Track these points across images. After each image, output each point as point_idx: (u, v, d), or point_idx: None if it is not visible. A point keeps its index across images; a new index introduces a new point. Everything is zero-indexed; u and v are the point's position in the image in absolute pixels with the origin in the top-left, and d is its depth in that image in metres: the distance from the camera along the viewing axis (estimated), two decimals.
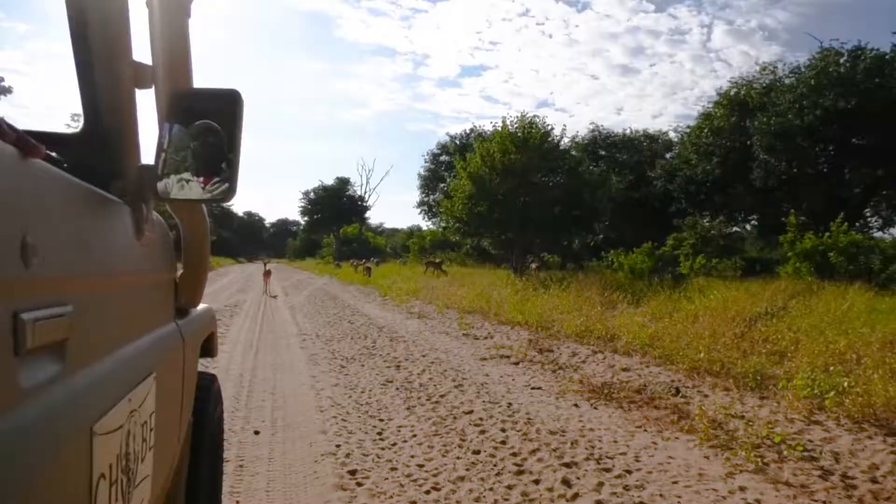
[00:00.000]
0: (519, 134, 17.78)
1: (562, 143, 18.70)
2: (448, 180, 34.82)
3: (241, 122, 1.12)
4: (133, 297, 1.09)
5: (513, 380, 5.90)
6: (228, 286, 20.40)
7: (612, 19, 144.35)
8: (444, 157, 41.84)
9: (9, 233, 0.58)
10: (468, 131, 41.79)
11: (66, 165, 0.96)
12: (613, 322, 8.67)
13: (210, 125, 1.10)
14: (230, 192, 1.09)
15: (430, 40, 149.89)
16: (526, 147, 17.38)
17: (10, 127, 0.65)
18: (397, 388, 5.42)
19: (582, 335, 8.18)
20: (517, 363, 6.78)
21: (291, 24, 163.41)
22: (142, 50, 1.21)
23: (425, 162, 42.16)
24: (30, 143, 0.65)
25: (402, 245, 73.16)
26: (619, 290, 12.38)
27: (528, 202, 17.37)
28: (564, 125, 23.56)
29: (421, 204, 42.08)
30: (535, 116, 18.04)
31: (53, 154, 1.02)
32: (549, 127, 18.05)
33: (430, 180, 41.65)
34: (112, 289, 0.96)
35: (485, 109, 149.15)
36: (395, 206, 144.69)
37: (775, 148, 24.46)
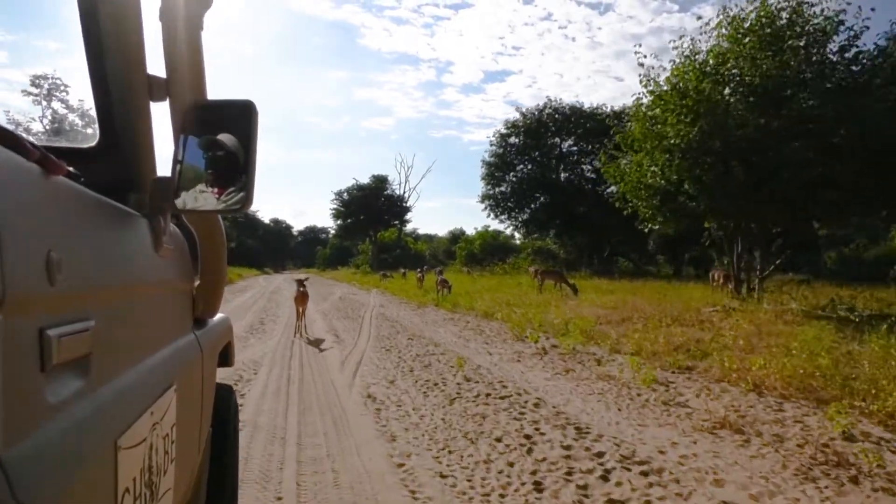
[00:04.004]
0: (769, 28, 9.34)
1: (854, 46, 10.03)
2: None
3: (255, 133, 1.08)
4: (153, 309, 1.08)
5: None
6: (237, 314, 12.56)
7: (636, 20, 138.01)
8: (514, 140, 33.55)
9: (35, 251, 0.58)
10: (541, 105, 33.74)
11: (82, 180, 0.89)
12: None
13: (216, 140, 1.07)
14: (246, 202, 1.06)
15: (453, 47, 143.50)
16: (790, 52, 9.06)
17: (33, 145, 0.63)
18: None
19: None
20: None
21: (316, 35, 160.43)
22: (156, 63, 1.20)
23: (491, 145, 33.83)
24: (52, 160, 0.65)
25: (444, 251, 65.63)
26: None
27: (789, 152, 8.86)
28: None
29: (485, 198, 33.73)
30: None
31: (71, 169, 0.89)
32: (834, 14, 9.49)
33: (498, 167, 33.36)
34: (133, 302, 0.94)
35: (510, 115, 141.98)
36: (424, 213, 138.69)
37: None
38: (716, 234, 25.90)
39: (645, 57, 10.74)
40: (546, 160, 33.25)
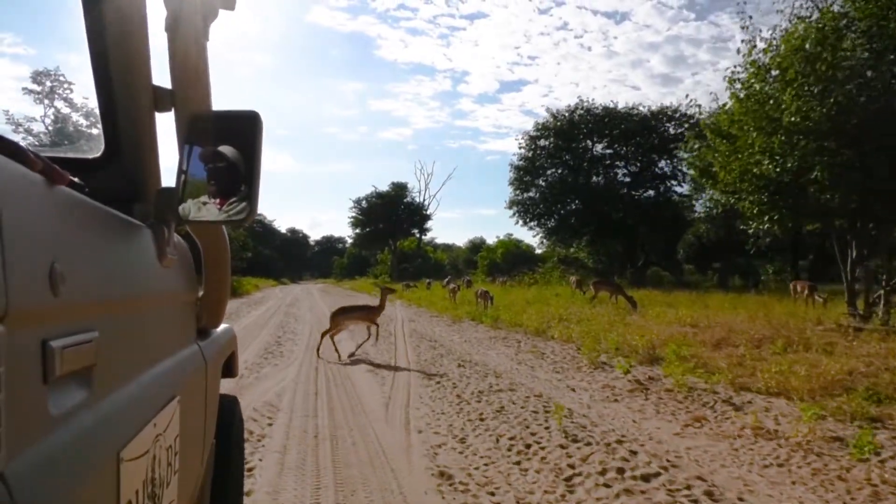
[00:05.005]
0: None
1: None
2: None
3: (260, 144, 1.07)
4: (157, 320, 1.06)
5: None
6: (251, 332, 10.95)
7: (652, 29, 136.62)
8: (543, 142, 31.74)
9: (39, 262, 0.57)
10: (572, 106, 32.01)
11: (87, 190, 0.87)
12: None
13: (217, 152, 1.06)
14: (250, 212, 1.04)
15: (468, 57, 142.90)
16: None
17: (37, 155, 0.63)
18: None
19: None
20: None
21: (332, 46, 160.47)
22: (162, 74, 1.20)
23: (520, 148, 32.05)
24: (56, 170, 0.64)
25: (464, 260, 63.75)
26: None
27: None
28: None
29: (513, 203, 31.93)
30: None
31: (75, 179, 0.90)
32: None
33: (527, 171, 31.57)
34: (137, 313, 0.93)
35: (525, 124, 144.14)
36: (441, 223, 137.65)
37: None
38: (763, 240, 23.68)
39: (750, 18, 8.94)
40: (577, 163, 31.41)
